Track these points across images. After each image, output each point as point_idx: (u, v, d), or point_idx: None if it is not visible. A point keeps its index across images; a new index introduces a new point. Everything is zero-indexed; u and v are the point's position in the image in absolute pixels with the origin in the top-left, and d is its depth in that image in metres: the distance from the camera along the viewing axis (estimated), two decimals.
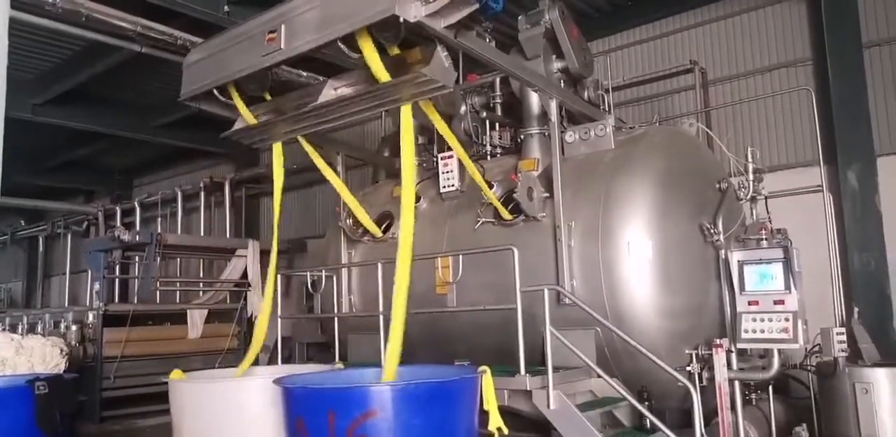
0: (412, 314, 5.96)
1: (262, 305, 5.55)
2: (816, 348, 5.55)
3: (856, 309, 5.93)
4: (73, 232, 18.31)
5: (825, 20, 8.20)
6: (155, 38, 8.45)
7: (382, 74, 4.42)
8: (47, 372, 7.57)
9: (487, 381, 4.17)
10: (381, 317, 5.60)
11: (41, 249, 19.82)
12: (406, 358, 6.17)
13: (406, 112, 4.56)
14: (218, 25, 7.81)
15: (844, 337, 5.31)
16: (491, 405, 4.16)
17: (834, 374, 5.26)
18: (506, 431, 4.12)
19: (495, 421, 4.14)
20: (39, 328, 10.58)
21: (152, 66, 10.56)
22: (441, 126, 5.16)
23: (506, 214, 5.86)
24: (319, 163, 6.02)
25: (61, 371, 8.03)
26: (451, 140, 5.30)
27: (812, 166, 7.88)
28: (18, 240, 20.36)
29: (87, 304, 12.90)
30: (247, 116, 5.40)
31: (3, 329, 9.97)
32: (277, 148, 5.58)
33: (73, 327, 10.01)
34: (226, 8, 8.33)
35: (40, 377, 6.37)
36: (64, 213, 18.40)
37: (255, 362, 5.52)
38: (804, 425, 5.45)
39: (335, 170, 7.00)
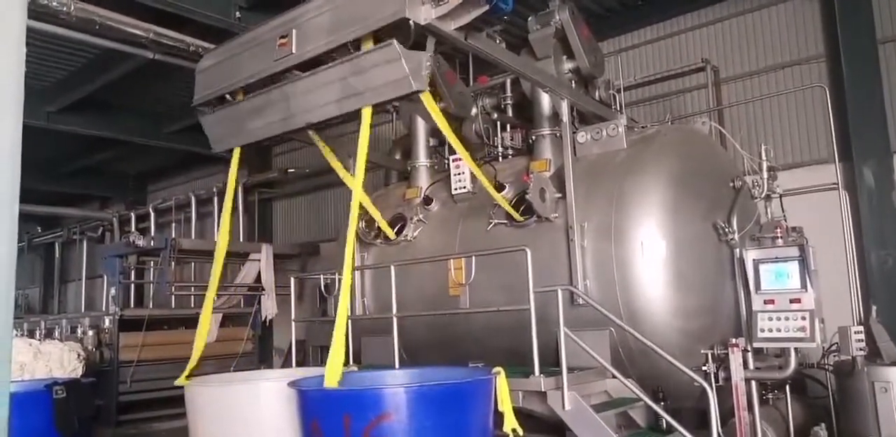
0: (426, 316, 6.01)
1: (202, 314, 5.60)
2: (834, 347, 5.50)
3: (874, 307, 5.87)
4: (88, 238, 18.46)
5: (838, 16, 8.12)
6: (167, 45, 8.51)
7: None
8: (65, 377, 7.65)
9: (502, 382, 4.16)
10: (395, 319, 5.60)
11: (57, 255, 20.01)
12: (420, 360, 6.20)
13: (366, 114, 4.43)
14: (229, 31, 7.87)
15: (862, 336, 5.26)
16: (506, 406, 4.15)
17: (852, 373, 5.21)
18: (521, 432, 4.11)
19: (510, 422, 4.14)
20: (57, 334, 10.69)
21: (165, 73, 10.64)
22: (446, 130, 5.15)
23: (516, 216, 5.85)
24: (336, 166, 6.04)
25: (79, 376, 8.11)
26: (456, 144, 5.28)
27: (827, 164, 7.80)
28: (35, 246, 20.56)
29: (104, 309, 12.99)
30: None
31: (22, 335, 10.08)
32: (236, 153, 5.57)
33: (90, 332, 10.11)
34: (237, 14, 8.39)
35: (58, 382, 6.44)
36: (79, 219, 18.57)
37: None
38: (822, 425, 5.39)
39: (348, 172, 7.04)
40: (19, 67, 1.24)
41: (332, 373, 3.99)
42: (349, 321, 6.46)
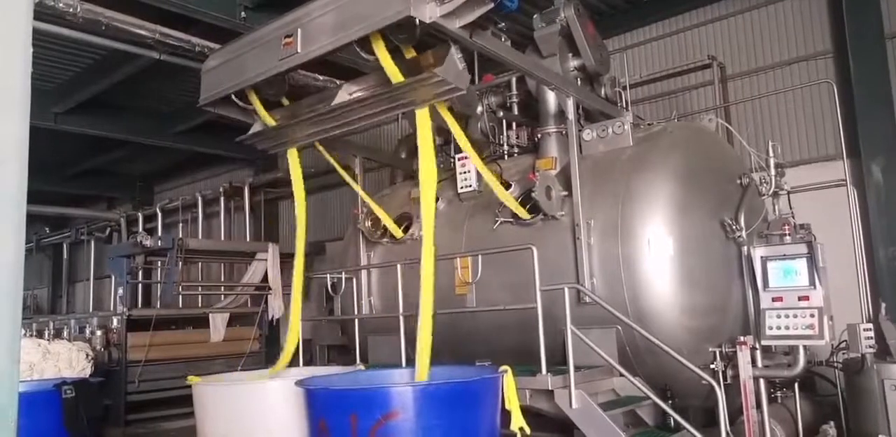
0: (432, 315, 6.00)
1: (291, 308, 5.57)
2: (843, 345, 5.46)
3: (883, 304, 5.82)
4: (96, 238, 18.55)
5: (846, 12, 8.08)
6: (173, 45, 8.54)
7: (396, 76, 4.43)
8: (74, 376, 7.68)
9: (509, 381, 4.16)
10: (402, 318, 5.60)
11: (65, 255, 20.11)
12: None
13: (422, 115, 4.57)
14: (235, 31, 7.87)
15: (872, 333, 5.22)
16: (513, 404, 4.15)
17: (861, 371, 5.18)
18: (528, 431, 4.11)
19: (517, 421, 4.13)
20: (65, 334, 10.73)
21: (171, 74, 10.67)
22: (456, 130, 5.16)
23: (523, 214, 5.84)
24: (337, 167, 6.07)
25: (87, 376, 8.14)
26: (465, 144, 5.28)
27: (835, 160, 7.76)
28: (43, 247, 20.67)
29: (112, 309, 13.08)
30: (265, 118, 5.44)
31: (31, 335, 10.13)
32: (293, 154, 5.61)
33: (98, 332, 10.15)
34: (242, 14, 8.40)
35: (67, 382, 6.46)
36: (87, 219, 18.66)
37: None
38: (832, 423, 5.36)
39: (353, 172, 7.05)
40: (27, 68, 1.24)
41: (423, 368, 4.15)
42: (356, 321, 6.51)
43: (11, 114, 1.14)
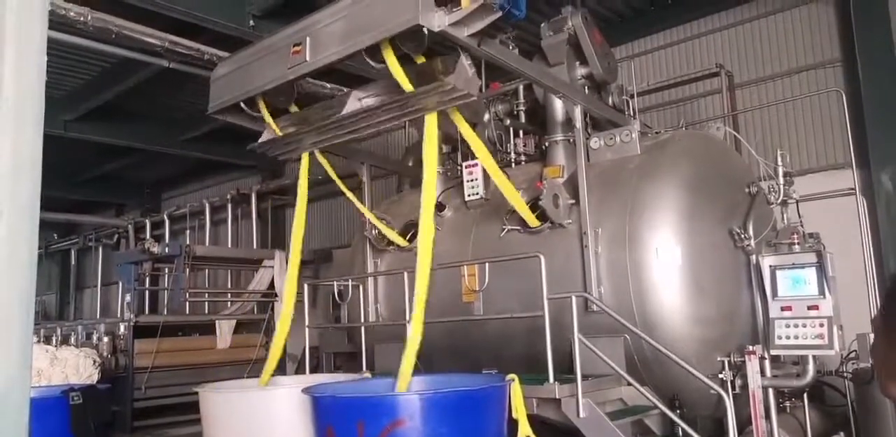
0: (439, 323, 6.00)
1: (282, 315, 5.59)
2: (853, 355, 5.42)
3: None
4: (104, 245, 18.63)
5: (854, 20, 8.07)
6: (182, 54, 8.60)
7: (406, 84, 4.45)
8: (81, 383, 7.69)
9: (516, 389, 4.15)
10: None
11: (73, 262, 20.20)
12: (433, 367, 6.19)
13: (431, 121, 4.59)
14: (244, 39, 7.92)
15: None
16: (520, 413, 4.13)
17: (871, 381, 5.13)
18: None
19: (524, 430, 4.12)
20: (73, 340, 10.77)
21: (180, 81, 10.75)
22: (468, 134, 5.16)
23: (533, 221, 5.83)
24: (336, 179, 6.11)
25: (94, 382, 8.16)
26: (479, 148, 5.29)
27: (843, 169, 7.73)
28: (52, 253, 20.77)
29: (119, 315, 13.09)
30: (273, 127, 5.47)
31: (38, 341, 10.17)
32: (305, 159, 5.64)
33: (105, 339, 10.19)
34: (251, 22, 8.45)
35: (75, 388, 6.48)
36: (95, 226, 18.75)
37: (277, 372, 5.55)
38: (841, 433, 5.32)
39: (360, 180, 7.07)
40: (41, 76, 1.25)
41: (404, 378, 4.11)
42: (363, 328, 6.50)
43: (26, 122, 1.16)
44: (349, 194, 6.46)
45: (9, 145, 1.11)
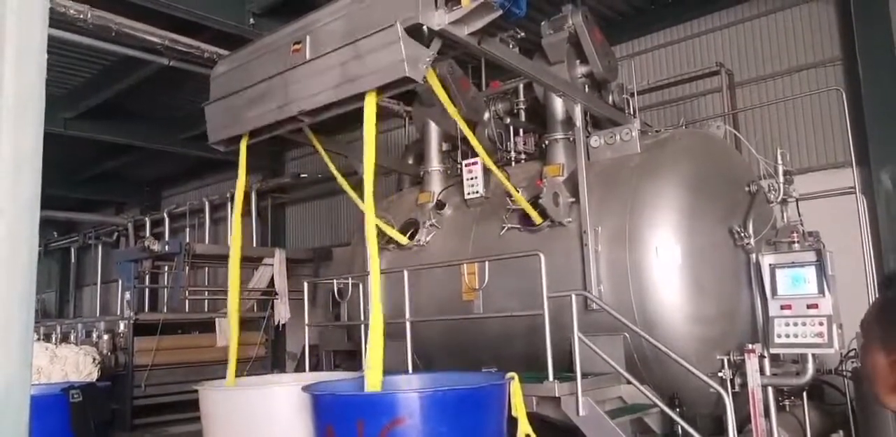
0: (439, 321, 6.00)
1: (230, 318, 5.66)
2: (852, 353, 5.43)
3: None
4: (103, 243, 18.62)
5: (855, 19, 8.06)
6: (182, 52, 8.59)
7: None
8: (81, 381, 7.70)
9: (516, 388, 4.15)
10: (408, 324, 5.60)
11: (73, 260, 20.19)
12: (433, 365, 6.20)
13: (370, 102, 4.39)
14: (244, 38, 7.92)
15: None
16: (519, 411, 4.14)
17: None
18: None
19: (524, 428, 4.12)
20: (72, 338, 10.78)
21: (180, 80, 10.73)
22: (467, 132, 5.17)
23: (536, 218, 5.82)
24: (337, 175, 6.09)
25: (94, 380, 8.16)
26: (476, 145, 5.29)
27: (843, 168, 7.73)
28: (51, 251, 20.76)
29: (119, 313, 13.10)
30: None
31: (38, 339, 10.17)
32: (244, 144, 5.52)
33: (105, 337, 10.19)
34: (251, 21, 8.45)
35: (75, 386, 6.48)
36: (95, 224, 18.74)
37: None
38: (840, 432, 5.33)
39: (359, 178, 7.06)
40: (41, 74, 1.25)
41: (374, 378, 3.98)
42: (363, 326, 6.50)
43: (27, 121, 1.16)
44: (350, 193, 6.46)
45: (9, 144, 1.11)
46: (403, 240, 6.77)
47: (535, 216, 5.81)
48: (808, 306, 4.97)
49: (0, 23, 1.15)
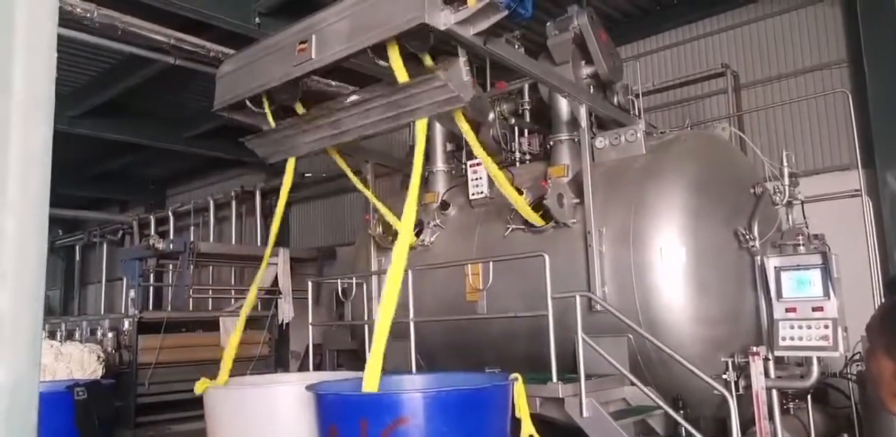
0: (443, 321, 6.00)
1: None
2: (857, 357, 5.41)
3: None
4: (108, 241, 18.66)
5: (861, 20, 8.03)
6: (188, 51, 8.61)
7: (403, 76, 4.44)
8: (86, 378, 7.72)
9: (519, 389, 4.15)
10: (412, 324, 5.60)
11: (78, 258, 20.23)
12: (436, 365, 6.20)
13: (420, 126, 4.55)
14: (249, 37, 7.93)
15: None
16: (523, 412, 4.13)
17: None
18: None
19: (527, 429, 4.12)
20: (77, 335, 10.81)
21: (186, 79, 10.75)
22: (469, 136, 5.16)
23: (536, 221, 5.82)
24: (349, 174, 6.11)
25: (99, 377, 8.19)
26: (478, 150, 5.28)
27: (849, 170, 7.70)
28: (56, 249, 20.81)
29: (123, 311, 13.14)
30: (272, 123, 5.48)
31: (43, 336, 10.20)
32: (291, 162, 5.67)
33: (110, 334, 10.22)
34: (257, 20, 8.46)
35: (79, 383, 6.50)
36: (100, 222, 18.79)
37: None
38: (845, 435, 5.31)
39: (364, 178, 7.07)
40: (51, 72, 1.25)
41: (371, 378, 3.96)
42: (367, 326, 6.50)
43: (37, 118, 1.16)
44: (366, 191, 6.49)
45: (19, 141, 1.11)
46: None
47: (535, 219, 5.80)
48: (814, 309, 4.96)
49: (10, 21, 1.15)
